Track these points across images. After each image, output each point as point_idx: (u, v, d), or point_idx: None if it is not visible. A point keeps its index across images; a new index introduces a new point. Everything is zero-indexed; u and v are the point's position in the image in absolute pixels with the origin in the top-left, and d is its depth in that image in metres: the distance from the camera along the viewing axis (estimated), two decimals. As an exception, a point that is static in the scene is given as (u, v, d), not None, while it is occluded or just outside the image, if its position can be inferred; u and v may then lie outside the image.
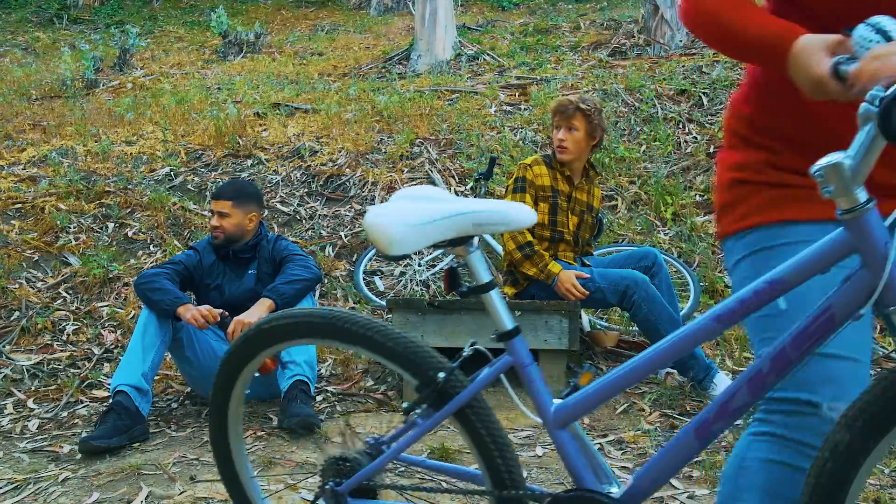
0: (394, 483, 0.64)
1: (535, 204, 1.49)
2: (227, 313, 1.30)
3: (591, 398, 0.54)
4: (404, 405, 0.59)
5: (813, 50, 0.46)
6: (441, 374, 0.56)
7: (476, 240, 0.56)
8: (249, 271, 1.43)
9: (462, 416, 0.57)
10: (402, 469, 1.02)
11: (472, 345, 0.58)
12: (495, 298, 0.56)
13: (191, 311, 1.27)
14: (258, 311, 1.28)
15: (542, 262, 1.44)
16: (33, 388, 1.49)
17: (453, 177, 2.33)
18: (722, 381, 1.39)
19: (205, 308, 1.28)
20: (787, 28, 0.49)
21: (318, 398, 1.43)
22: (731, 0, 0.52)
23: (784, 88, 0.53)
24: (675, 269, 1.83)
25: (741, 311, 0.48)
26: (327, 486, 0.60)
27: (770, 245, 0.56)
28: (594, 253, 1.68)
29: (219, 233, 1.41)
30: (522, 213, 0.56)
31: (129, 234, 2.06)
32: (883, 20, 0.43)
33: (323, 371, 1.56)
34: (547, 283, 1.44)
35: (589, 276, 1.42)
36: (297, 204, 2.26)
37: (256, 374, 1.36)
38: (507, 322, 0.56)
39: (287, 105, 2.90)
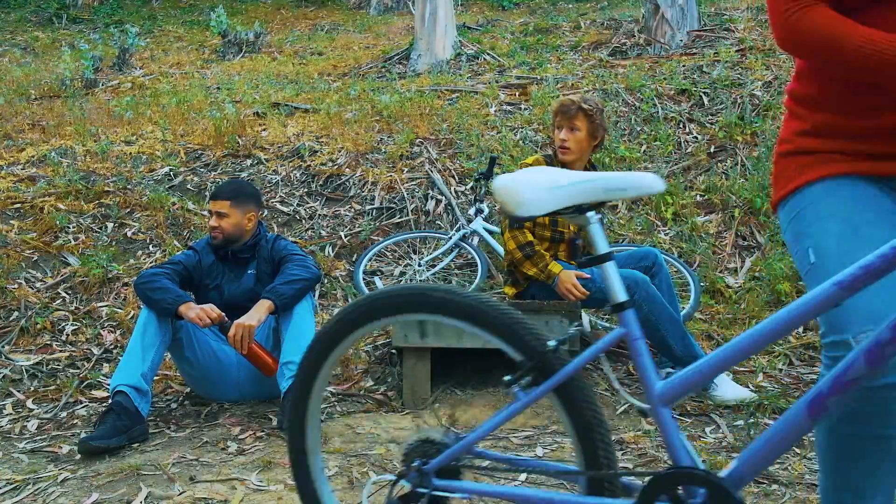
0: (479, 464, 0.61)
1: None
2: (227, 319, 1.29)
3: (697, 377, 0.53)
4: (505, 378, 0.58)
5: None
6: (551, 343, 0.55)
7: (594, 214, 0.57)
8: (249, 271, 1.43)
9: (564, 391, 0.56)
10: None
11: (577, 325, 0.59)
12: (611, 270, 0.57)
13: (194, 311, 1.26)
14: (258, 314, 1.28)
15: (543, 262, 1.44)
16: (32, 389, 1.48)
17: (453, 177, 2.33)
18: (722, 381, 1.39)
19: (208, 307, 1.28)
20: None
21: (318, 398, 1.43)
22: (832, 18, 0.55)
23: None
24: (675, 270, 1.83)
25: (865, 277, 0.46)
26: (413, 464, 0.60)
27: (798, 210, 0.59)
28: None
29: (217, 233, 1.40)
30: (651, 180, 0.56)
31: (129, 234, 2.05)
32: None
33: (323, 371, 1.56)
34: (547, 284, 1.44)
35: (589, 276, 1.42)
36: (297, 204, 2.26)
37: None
38: (621, 294, 0.56)
39: (287, 105, 2.89)
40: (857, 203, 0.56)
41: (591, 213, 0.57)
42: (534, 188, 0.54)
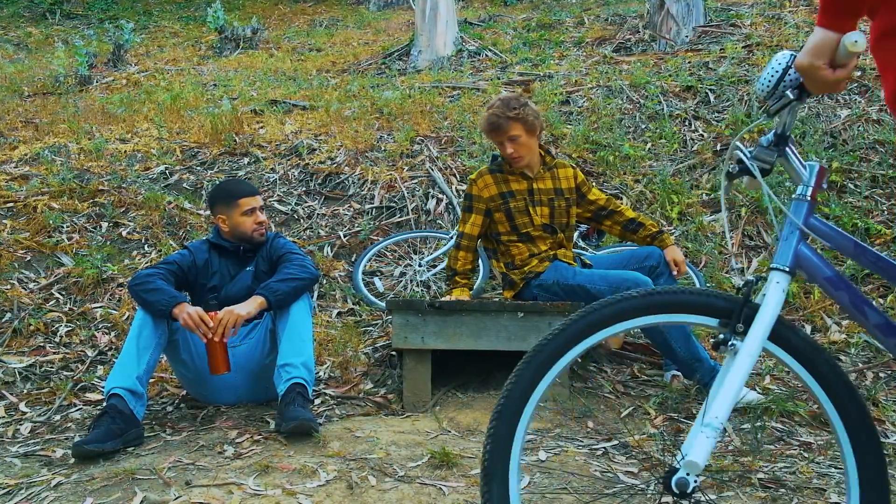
0: None
1: (488, 216, 1.49)
2: (217, 313, 1.27)
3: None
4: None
5: None
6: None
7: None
8: (247, 269, 1.41)
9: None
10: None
11: None
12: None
13: (186, 311, 1.23)
14: (248, 307, 1.25)
15: (449, 288, 1.51)
16: (25, 391, 1.46)
17: (454, 175, 2.30)
18: (729, 384, 1.36)
19: (196, 313, 1.23)
20: None
21: (317, 401, 1.41)
22: None
23: None
24: (680, 270, 1.80)
25: None
26: None
27: None
28: (596, 252, 1.66)
29: (264, 229, 1.41)
30: None
31: (124, 233, 2.03)
32: None
33: (321, 374, 1.53)
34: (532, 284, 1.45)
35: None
36: (295, 203, 2.23)
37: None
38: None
39: (285, 102, 2.87)
40: None
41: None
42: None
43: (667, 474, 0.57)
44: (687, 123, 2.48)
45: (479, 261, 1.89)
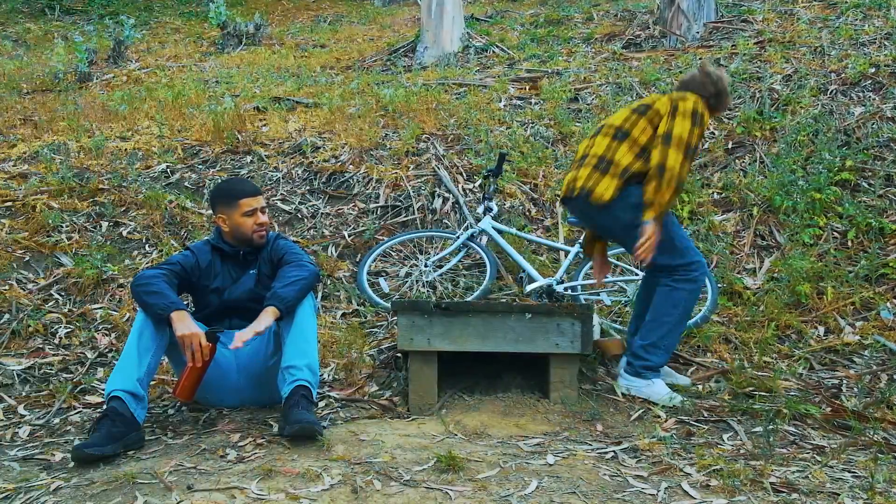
0: None
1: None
2: (220, 332, 1.26)
3: None
4: None
5: None
6: None
7: None
8: (250, 271, 1.40)
9: None
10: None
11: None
12: None
13: (187, 328, 1.20)
14: (265, 321, 1.23)
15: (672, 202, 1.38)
16: (24, 394, 1.44)
17: (461, 174, 2.28)
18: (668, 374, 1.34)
19: (197, 338, 1.20)
20: None
21: (321, 404, 1.39)
22: None
23: None
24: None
25: None
26: None
27: None
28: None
29: (265, 231, 1.38)
30: None
31: (124, 233, 2.01)
32: None
33: (325, 376, 1.51)
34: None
35: None
36: (299, 202, 2.21)
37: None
38: None
39: (288, 99, 2.85)
40: None
41: None
42: None
43: None
44: (696, 121, 2.45)
45: (487, 260, 1.86)
